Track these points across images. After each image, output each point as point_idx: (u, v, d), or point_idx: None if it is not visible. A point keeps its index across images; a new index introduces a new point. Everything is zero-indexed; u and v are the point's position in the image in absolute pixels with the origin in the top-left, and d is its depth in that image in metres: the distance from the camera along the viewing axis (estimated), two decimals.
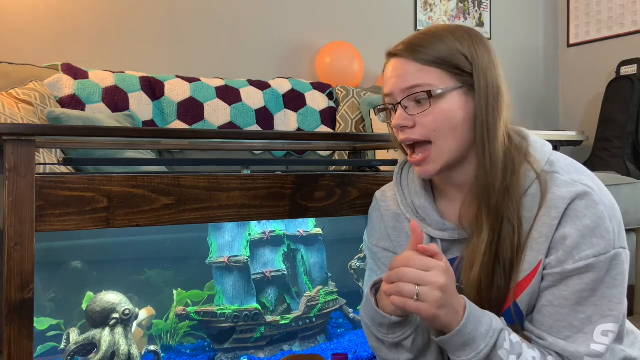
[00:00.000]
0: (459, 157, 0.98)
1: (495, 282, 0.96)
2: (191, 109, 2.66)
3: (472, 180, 0.99)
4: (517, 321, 0.97)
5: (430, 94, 0.95)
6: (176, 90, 2.68)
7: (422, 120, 0.96)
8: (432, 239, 1.05)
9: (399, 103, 0.98)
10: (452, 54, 0.96)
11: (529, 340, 0.95)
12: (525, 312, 0.97)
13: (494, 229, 0.95)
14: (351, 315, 1.65)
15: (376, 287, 0.98)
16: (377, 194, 1.17)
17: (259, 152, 2.63)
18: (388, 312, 0.94)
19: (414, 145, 1.00)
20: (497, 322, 0.92)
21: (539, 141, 1.02)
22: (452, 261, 1.03)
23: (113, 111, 2.47)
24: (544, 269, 0.94)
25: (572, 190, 0.93)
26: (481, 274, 0.95)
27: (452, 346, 0.90)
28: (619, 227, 0.95)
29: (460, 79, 0.96)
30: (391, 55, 1.01)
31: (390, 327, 0.95)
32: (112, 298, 1.30)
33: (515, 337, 0.92)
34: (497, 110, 0.96)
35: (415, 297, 0.86)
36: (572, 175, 0.96)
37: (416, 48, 0.97)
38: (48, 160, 1.99)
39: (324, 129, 2.97)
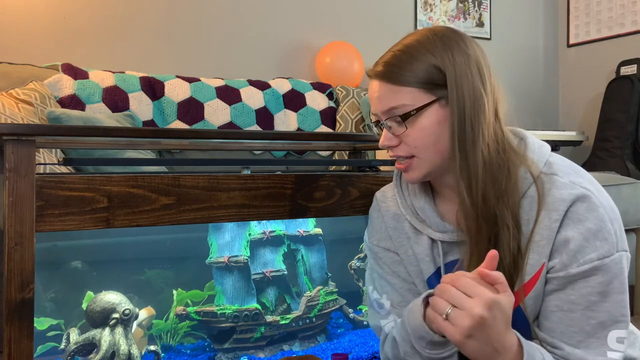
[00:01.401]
0: (443, 164, 0.99)
1: None
2: (191, 109, 2.66)
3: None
4: (520, 327, 0.95)
5: (405, 116, 0.96)
6: (176, 90, 2.68)
7: (405, 139, 0.98)
8: (433, 241, 1.05)
9: (382, 124, 1.00)
10: (425, 70, 0.95)
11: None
12: (532, 316, 0.96)
13: (489, 236, 0.94)
14: (351, 315, 1.65)
15: (427, 298, 0.93)
16: (377, 194, 1.17)
17: (259, 152, 2.63)
18: (432, 329, 0.91)
19: None
20: (549, 357, 0.89)
21: (537, 142, 1.02)
22: (453, 263, 1.03)
23: (113, 111, 2.47)
24: (547, 273, 0.94)
25: (572, 192, 0.93)
26: None
27: None
28: (620, 229, 0.95)
29: (437, 92, 0.96)
30: (369, 76, 1.02)
31: (431, 344, 0.92)
32: (112, 298, 1.30)
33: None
34: (476, 117, 0.94)
35: (445, 316, 0.83)
36: (571, 177, 0.95)
37: (390, 69, 0.97)
38: (48, 160, 1.99)
39: (324, 129, 2.97)
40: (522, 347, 0.86)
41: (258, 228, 1.50)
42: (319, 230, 1.61)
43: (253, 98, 2.83)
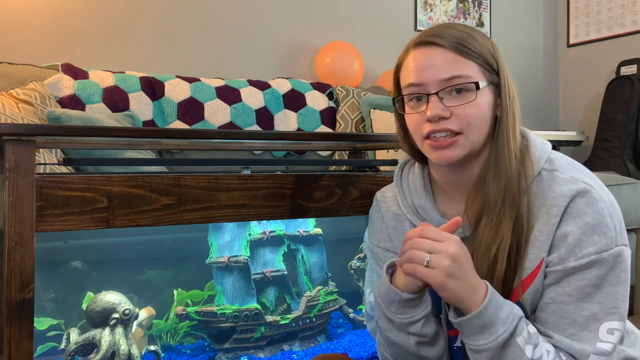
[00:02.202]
0: (478, 151, 0.99)
1: (496, 281, 0.95)
2: (191, 109, 2.66)
3: (478, 178, 0.99)
4: None
5: (477, 86, 0.95)
6: (176, 90, 2.68)
7: (460, 112, 0.95)
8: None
9: (437, 93, 0.95)
10: (486, 53, 0.98)
11: None
12: (529, 311, 0.97)
13: (509, 226, 0.95)
14: (351, 315, 1.65)
15: (392, 269, 0.99)
16: (378, 194, 1.17)
17: (259, 152, 2.63)
18: (400, 289, 0.95)
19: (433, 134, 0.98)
20: (518, 309, 0.91)
21: (538, 140, 1.03)
22: None
23: (113, 111, 2.47)
24: (546, 267, 0.94)
25: (572, 187, 0.93)
26: (484, 274, 0.94)
27: (470, 329, 0.90)
28: (619, 224, 0.95)
29: (490, 76, 0.98)
30: (424, 43, 0.98)
31: (401, 305, 0.95)
32: (112, 298, 1.30)
33: (532, 328, 0.92)
34: (517, 110, 0.99)
35: (425, 263, 0.87)
36: (572, 173, 0.96)
37: (458, 41, 0.97)
38: (48, 160, 1.99)
39: (324, 129, 2.97)
40: (486, 283, 0.91)
41: (258, 228, 1.50)
42: (319, 230, 1.61)
43: (253, 98, 2.83)
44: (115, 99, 2.50)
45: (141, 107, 2.56)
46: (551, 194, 0.94)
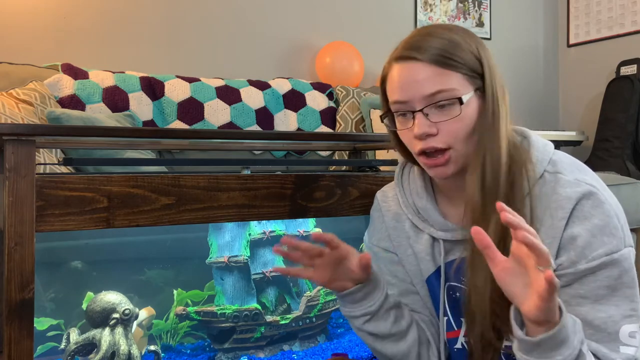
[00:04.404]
0: (470, 159, 0.97)
1: None
2: (191, 109, 2.66)
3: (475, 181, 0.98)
4: None
5: (461, 100, 0.92)
6: (176, 90, 2.68)
7: (446, 127, 0.93)
8: (434, 240, 1.05)
9: (421, 110, 0.94)
10: (469, 59, 0.94)
11: None
12: None
13: (498, 230, 0.93)
14: None
15: None
16: (378, 194, 1.17)
17: (259, 152, 2.63)
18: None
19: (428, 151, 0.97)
20: (572, 316, 0.87)
21: (540, 141, 1.01)
22: (453, 263, 1.03)
23: (113, 111, 2.47)
24: (555, 270, 0.92)
25: (577, 190, 0.92)
26: (489, 275, 0.93)
27: (549, 345, 0.81)
28: (625, 225, 0.94)
29: (474, 82, 0.95)
30: (403, 58, 0.96)
31: (339, 297, 1.04)
32: (112, 298, 1.30)
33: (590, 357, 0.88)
34: (504, 111, 0.95)
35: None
36: (575, 174, 0.95)
37: (440, 52, 0.93)
38: (48, 160, 1.99)
39: (324, 129, 2.97)
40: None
41: (258, 228, 1.50)
42: (319, 230, 1.61)
43: (253, 98, 2.83)
44: (115, 99, 2.50)
45: (141, 107, 2.56)
46: (556, 196, 0.93)
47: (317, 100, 3.01)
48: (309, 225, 1.60)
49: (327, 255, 1.00)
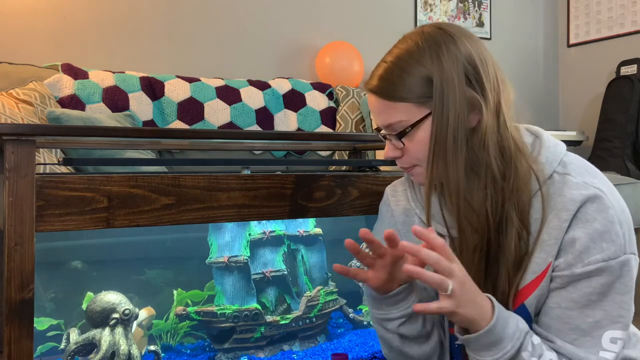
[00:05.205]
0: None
1: (500, 285, 0.95)
2: (191, 109, 2.66)
3: None
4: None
5: (401, 134, 0.96)
6: (176, 90, 2.68)
7: (406, 152, 0.99)
8: (442, 236, 1.04)
9: (385, 137, 1.00)
10: (417, 85, 0.94)
11: None
12: (533, 314, 0.96)
13: (484, 232, 0.94)
14: (351, 315, 1.65)
15: None
16: (388, 189, 1.17)
17: (259, 152, 2.63)
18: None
19: None
20: (523, 323, 0.91)
21: (552, 141, 1.01)
22: None
23: (113, 111, 2.47)
24: (552, 271, 0.94)
25: (583, 192, 0.92)
26: (473, 276, 0.93)
27: (477, 345, 0.90)
28: (629, 232, 0.94)
29: (430, 104, 0.94)
30: (367, 89, 1.01)
31: (376, 301, 1.01)
32: (112, 298, 1.30)
33: (536, 339, 0.91)
34: (460, 129, 0.93)
35: (449, 292, 0.85)
36: (584, 177, 0.95)
37: (384, 85, 0.96)
38: (48, 160, 1.99)
39: (324, 129, 2.97)
40: (490, 297, 0.90)
41: (258, 228, 1.50)
42: (319, 230, 1.61)
43: (253, 98, 2.83)
44: (115, 99, 2.50)
45: (141, 107, 2.56)
46: (562, 198, 0.93)
47: (317, 100, 3.01)
48: (309, 225, 1.60)
49: (387, 255, 0.97)
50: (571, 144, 3.86)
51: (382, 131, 1.01)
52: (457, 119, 0.92)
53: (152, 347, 1.35)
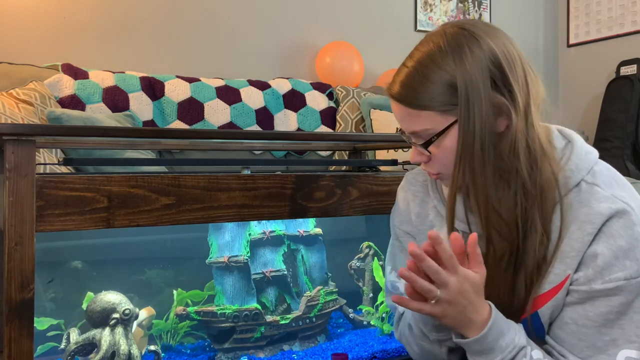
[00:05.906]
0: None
1: (517, 291, 0.94)
2: (191, 109, 2.66)
3: None
4: (535, 332, 0.95)
5: (427, 144, 0.93)
6: (176, 90, 2.68)
7: (435, 155, 0.95)
8: (463, 234, 1.02)
9: (411, 142, 0.97)
10: (440, 92, 0.90)
11: (549, 354, 0.93)
12: (546, 325, 0.95)
13: (513, 240, 0.92)
14: (351, 315, 1.65)
15: None
16: (409, 174, 1.13)
17: (259, 152, 2.63)
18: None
19: None
20: (521, 338, 0.90)
21: (584, 147, 0.96)
22: None
23: (113, 111, 2.47)
24: (570, 284, 0.91)
25: (611, 206, 0.89)
26: (499, 282, 0.93)
27: (469, 349, 0.92)
28: None
29: (454, 111, 0.90)
30: (389, 94, 0.97)
31: (436, 327, 0.97)
32: (112, 298, 1.30)
33: (537, 354, 0.90)
34: (490, 131, 0.89)
35: (434, 301, 0.87)
36: (613, 190, 0.91)
37: (406, 92, 0.92)
38: (48, 160, 2.00)
39: (324, 129, 2.97)
40: (490, 306, 0.90)
41: (258, 228, 1.50)
42: (319, 230, 1.61)
43: (253, 98, 2.83)
44: (115, 99, 2.50)
45: (141, 107, 2.56)
46: (587, 209, 0.90)
47: (317, 100, 3.02)
48: (309, 225, 1.60)
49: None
50: None
51: (407, 135, 0.97)
52: (484, 126, 0.89)
53: (152, 347, 1.35)
